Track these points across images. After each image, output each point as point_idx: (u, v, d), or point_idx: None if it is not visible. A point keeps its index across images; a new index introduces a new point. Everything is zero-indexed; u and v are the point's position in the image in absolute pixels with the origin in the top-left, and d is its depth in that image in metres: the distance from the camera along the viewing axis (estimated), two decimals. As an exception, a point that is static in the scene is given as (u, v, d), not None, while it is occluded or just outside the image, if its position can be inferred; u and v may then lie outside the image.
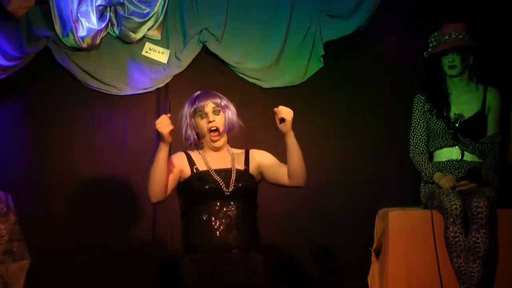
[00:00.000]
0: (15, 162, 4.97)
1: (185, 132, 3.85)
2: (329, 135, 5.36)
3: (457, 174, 4.68)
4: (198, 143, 3.87)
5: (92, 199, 5.04)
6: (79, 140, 5.06)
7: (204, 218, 3.74)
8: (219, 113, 3.82)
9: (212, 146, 3.84)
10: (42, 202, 4.98)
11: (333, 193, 5.33)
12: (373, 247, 4.85)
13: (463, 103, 4.78)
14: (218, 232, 3.73)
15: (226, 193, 3.77)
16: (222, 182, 3.77)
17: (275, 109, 3.79)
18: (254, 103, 5.18)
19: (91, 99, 5.07)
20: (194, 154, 3.86)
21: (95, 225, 5.02)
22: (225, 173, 3.80)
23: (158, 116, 5.00)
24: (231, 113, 3.87)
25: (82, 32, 4.91)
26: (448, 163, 4.73)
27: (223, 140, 3.85)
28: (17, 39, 4.90)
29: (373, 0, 5.22)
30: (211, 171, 3.80)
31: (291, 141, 3.83)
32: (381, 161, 5.40)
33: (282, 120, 3.76)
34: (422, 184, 4.81)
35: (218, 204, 3.77)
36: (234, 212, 3.78)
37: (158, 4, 5.01)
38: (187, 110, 3.84)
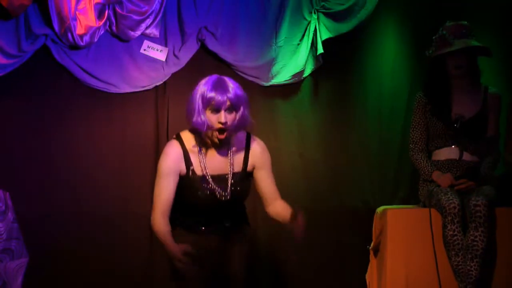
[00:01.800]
0: (13, 161, 4.94)
1: (192, 116, 3.68)
2: (328, 133, 5.38)
3: (455, 172, 4.70)
4: (201, 130, 3.72)
5: (91, 197, 5.02)
6: (78, 138, 5.04)
7: (194, 222, 3.80)
8: (232, 112, 3.68)
9: (216, 140, 3.72)
10: (41, 200, 4.95)
11: (332, 191, 5.35)
12: (372, 245, 4.91)
13: (464, 103, 4.79)
14: (209, 231, 3.81)
15: (221, 200, 3.75)
16: (218, 189, 3.74)
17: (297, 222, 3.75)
18: (253, 101, 5.01)
19: (89, 97, 5.04)
20: (192, 150, 3.77)
21: (93, 223, 5.00)
22: (221, 179, 3.75)
23: (156, 114, 5.10)
24: (245, 108, 3.72)
25: (80, 30, 4.89)
26: (446, 162, 4.75)
27: (228, 135, 3.74)
28: (15, 37, 4.85)
29: (371, -2, 5.28)
30: (208, 177, 3.74)
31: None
32: (379, 159, 5.43)
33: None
34: (420, 182, 4.84)
35: (210, 208, 3.77)
36: (227, 212, 3.81)
37: (157, 2, 5.00)
38: (199, 98, 3.67)
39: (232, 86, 3.68)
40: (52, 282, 4.91)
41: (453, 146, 4.75)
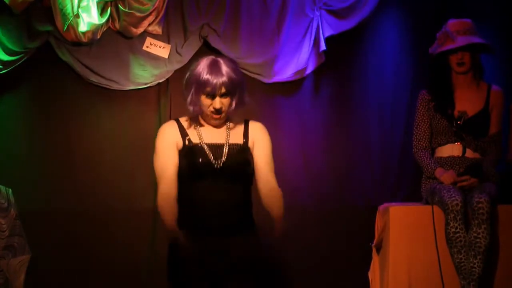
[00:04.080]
0: (16, 157, 4.97)
1: (188, 98, 3.62)
2: (330, 130, 5.37)
3: (458, 169, 4.70)
4: (196, 112, 3.66)
5: (93, 193, 5.05)
6: (80, 135, 5.07)
7: (195, 198, 3.60)
8: (227, 96, 3.58)
9: (211, 123, 3.66)
10: (43, 197, 4.98)
11: (334, 188, 5.34)
12: (374, 243, 4.90)
13: (467, 100, 4.79)
14: (209, 216, 3.59)
15: (216, 168, 3.60)
16: (212, 157, 3.60)
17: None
18: (255, 98, 5.08)
19: (92, 94, 5.06)
20: (187, 123, 3.70)
21: (95, 220, 5.02)
22: (217, 147, 3.63)
23: (159, 111, 5.10)
24: (241, 91, 3.62)
25: (83, 27, 4.90)
26: (449, 158, 4.75)
27: (223, 120, 3.66)
28: (18, 34, 4.89)
29: (374, -5, 5.28)
30: (203, 144, 3.62)
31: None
32: (381, 157, 5.42)
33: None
34: (423, 179, 4.84)
35: (208, 182, 3.59)
36: (226, 191, 3.61)
37: None
38: (194, 82, 3.59)
39: (226, 69, 3.57)
40: (55, 278, 4.94)
41: (456, 143, 4.76)
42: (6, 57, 4.85)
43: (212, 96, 3.56)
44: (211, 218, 3.59)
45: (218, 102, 3.56)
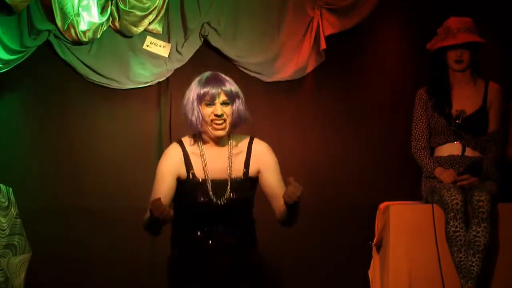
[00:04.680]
0: (16, 156, 4.97)
1: (188, 116, 3.63)
2: (330, 129, 5.37)
3: (458, 168, 4.71)
4: (198, 129, 3.66)
5: (93, 192, 5.05)
6: (80, 134, 5.06)
7: (195, 228, 3.65)
8: (228, 105, 3.60)
9: (213, 135, 3.64)
10: (43, 196, 4.98)
11: (335, 187, 5.33)
12: (374, 241, 4.93)
13: (465, 98, 4.80)
14: (212, 245, 3.64)
15: (218, 205, 3.63)
16: (215, 196, 3.62)
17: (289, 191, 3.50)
18: (256, 97, 5.15)
19: (92, 93, 5.06)
20: (192, 150, 3.68)
21: (95, 218, 5.03)
22: (220, 184, 3.63)
23: (159, 110, 5.08)
24: (240, 103, 3.65)
25: (83, 26, 4.91)
26: (449, 157, 4.76)
27: (225, 131, 3.64)
28: (18, 33, 4.89)
29: (373, -6, 5.27)
30: (207, 181, 3.63)
31: (292, 208, 3.57)
32: (382, 155, 5.41)
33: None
34: (423, 178, 4.85)
35: (209, 216, 3.64)
36: (230, 223, 3.66)
37: None
38: (194, 94, 3.61)
39: (226, 79, 3.64)
40: (56, 277, 4.94)
41: (455, 142, 4.76)
42: (6, 56, 4.84)
43: (212, 104, 3.58)
44: (215, 240, 3.65)
45: (219, 108, 3.57)
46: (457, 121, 4.73)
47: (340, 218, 5.28)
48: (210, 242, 3.64)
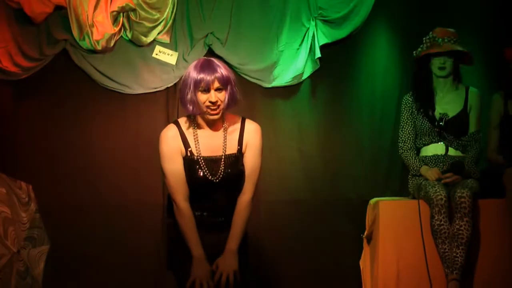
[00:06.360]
0: (36, 156, 5.05)
1: (186, 98, 3.65)
2: (325, 130, 5.41)
3: (441, 167, 4.79)
4: (194, 113, 3.69)
5: (106, 189, 5.12)
6: (95, 135, 5.13)
7: (194, 199, 3.68)
8: (222, 90, 3.64)
9: (208, 118, 3.68)
10: (61, 193, 5.07)
11: (329, 184, 5.38)
12: (365, 234, 4.97)
13: (447, 102, 4.86)
14: (204, 220, 3.71)
15: (214, 182, 3.68)
16: (210, 173, 3.66)
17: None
18: (256, 101, 5.23)
19: (105, 98, 5.14)
20: (188, 131, 3.71)
21: (108, 213, 5.10)
22: (214, 162, 3.68)
23: (167, 113, 5.11)
24: (233, 86, 3.67)
25: (97, 36, 4.96)
26: (433, 157, 4.84)
27: (220, 114, 3.67)
28: (37, 42, 4.94)
29: (365, 6, 5.30)
30: (201, 158, 3.67)
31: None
32: (372, 154, 5.47)
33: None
34: (410, 176, 4.93)
35: (206, 191, 3.69)
36: (223, 199, 3.71)
37: (168, 10, 5.07)
38: (190, 80, 3.63)
39: (219, 66, 3.66)
40: (72, 267, 5.05)
41: (439, 143, 4.83)
42: (26, 63, 4.93)
43: (207, 91, 3.63)
44: (208, 216, 3.73)
45: (213, 96, 3.62)
46: (440, 123, 4.80)
47: (334, 212, 5.33)
48: (204, 214, 3.71)
